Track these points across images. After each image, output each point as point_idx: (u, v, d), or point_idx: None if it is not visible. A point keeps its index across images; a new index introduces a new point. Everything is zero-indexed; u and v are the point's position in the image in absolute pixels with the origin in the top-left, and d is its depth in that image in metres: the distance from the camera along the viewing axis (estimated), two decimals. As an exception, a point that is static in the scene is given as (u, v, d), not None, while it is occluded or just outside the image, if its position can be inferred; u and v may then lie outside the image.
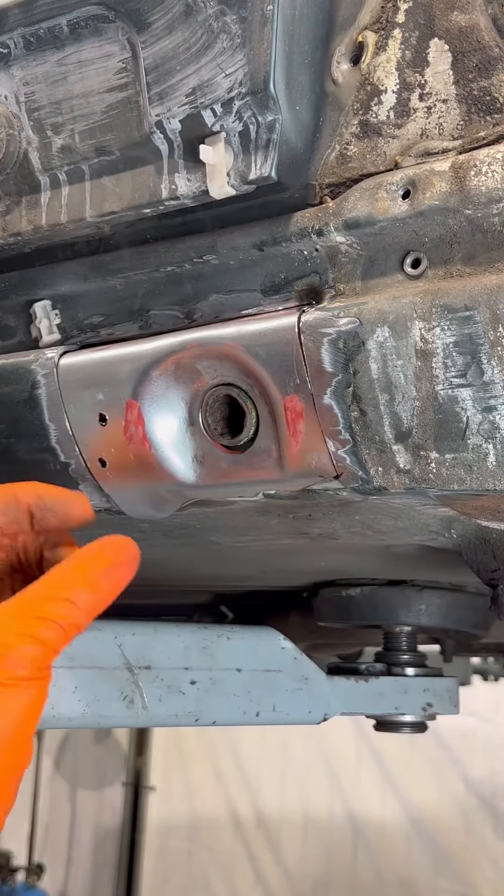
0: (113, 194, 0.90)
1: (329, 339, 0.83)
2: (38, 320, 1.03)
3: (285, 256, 0.87)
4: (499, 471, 0.80)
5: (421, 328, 0.79)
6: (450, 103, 0.79)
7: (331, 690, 1.39)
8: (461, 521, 1.05)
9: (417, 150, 0.80)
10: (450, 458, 0.82)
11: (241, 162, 0.83)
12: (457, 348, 0.78)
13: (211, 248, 0.90)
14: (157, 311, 0.96)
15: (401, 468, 0.85)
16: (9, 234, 0.96)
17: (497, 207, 0.76)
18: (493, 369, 0.77)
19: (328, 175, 0.84)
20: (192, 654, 1.24)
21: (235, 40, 0.81)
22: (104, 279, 0.98)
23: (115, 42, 0.87)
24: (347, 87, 0.83)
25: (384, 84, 0.82)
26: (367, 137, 0.83)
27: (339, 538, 1.18)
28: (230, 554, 1.39)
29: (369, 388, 0.83)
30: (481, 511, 0.92)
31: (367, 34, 0.82)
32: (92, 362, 0.98)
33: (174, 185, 0.86)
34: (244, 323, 0.88)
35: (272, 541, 1.24)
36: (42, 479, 1.05)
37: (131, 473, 0.99)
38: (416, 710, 1.59)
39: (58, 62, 0.90)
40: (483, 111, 0.78)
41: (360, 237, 0.83)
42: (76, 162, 0.91)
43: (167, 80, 0.84)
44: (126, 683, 1.19)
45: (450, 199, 0.77)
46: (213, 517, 1.11)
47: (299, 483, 0.91)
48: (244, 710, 1.28)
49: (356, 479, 0.88)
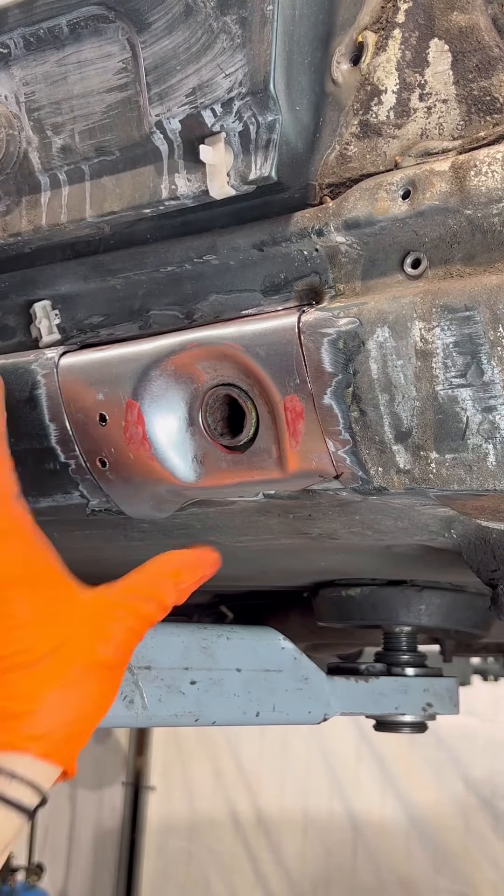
0: (113, 194, 0.90)
1: (329, 339, 0.83)
2: (38, 320, 1.03)
3: (285, 256, 0.87)
4: (499, 471, 0.80)
5: (421, 328, 0.79)
6: (450, 103, 0.79)
7: (331, 690, 1.39)
8: (461, 521, 1.05)
9: (417, 151, 0.80)
10: (450, 459, 0.82)
11: (241, 162, 0.83)
12: (457, 348, 0.78)
13: (211, 249, 0.90)
14: (157, 311, 0.96)
15: (401, 468, 0.85)
16: (9, 234, 0.96)
17: (497, 207, 0.76)
18: (493, 369, 0.77)
19: (328, 175, 0.84)
20: (192, 653, 1.24)
21: (235, 40, 0.81)
22: (104, 279, 0.98)
23: (115, 42, 0.87)
24: (347, 87, 0.83)
25: (384, 84, 0.82)
26: (367, 137, 0.83)
27: (339, 538, 1.18)
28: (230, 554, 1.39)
29: (369, 388, 0.83)
30: (481, 511, 0.92)
31: (367, 34, 0.82)
32: (92, 362, 0.98)
33: (174, 185, 0.86)
34: (244, 323, 0.88)
35: (272, 541, 1.24)
36: (41, 479, 1.06)
37: (131, 473, 0.99)
38: (416, 710, 1.59)
39: (58, 62, 0.90)
40: (483, 111, 0.78)
41: (360, 237, 0.83)
42: (76, 162, 0.91)
43: (167, 80, 0.84)
44: (126, 683, 1.19)
45: (450, 200, 0.77)
46: (213, 517, 1.11)
47: (299, 483, 0.91)
48: (244, 710, 1.28)
49: (356, 480, 0.88)
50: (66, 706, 0.85)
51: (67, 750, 0.85)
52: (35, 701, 0.83)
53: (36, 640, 0.85)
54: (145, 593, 0.91)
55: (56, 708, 0.84)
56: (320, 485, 0.91)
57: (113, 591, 0.90)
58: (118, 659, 0.88)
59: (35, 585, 0.87)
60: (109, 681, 0.89)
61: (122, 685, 1.20)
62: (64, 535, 1.27)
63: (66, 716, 0.85)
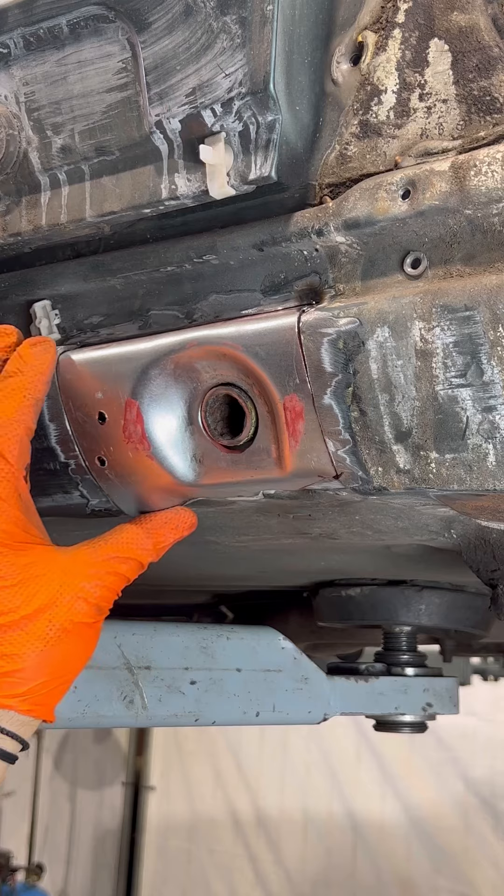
0: (113, 194, 0.90)
1: (329, 339, 0.83)
2: (38, 320, 1.03)
3: (285, 256, 0.87)
4: (498, 471, 0.80)
5: (421, 328, 0.79)
6: (450, 103, 0.79)
7: (330, 690, 1.39)
8: (461, 521, 1.05)
9: (417, 150, 0.80)
10: (450, 458, 0.82)
11: (241, 162, 0.83)
12: (457, 348, 0.78)
13: (211, 248, 0.90)
14: (157, 310, 0.96)
15: (401, 468, 0.85)
16: (9, 234, 0.96)
17: (497, 207, 0.76)
18: (492, 369, 0.77)
19: (328, 175, 0.84)
20: (192, 654, 1.24)
21: (235, 40, 0.81)
22: (104, 279, 0.98)
23: (115, 42, 0.87)
24: (347, 87, 0.83)
25: (384, 84, 0.82)
26: (367, 137, 0.83)
27: (339, 538, 1.18)
28: (230, 554, 1.39)
29: (369, 388, 0.83)
30: (481, 511, 0.92)
31: (367, 34, 0.82)
32: (91, 360, 0.98)
33: (174, 185, 0.86)
34: (244, 323, 0.88)
35: (272, 541, 1.24)
36: (42, 479, 1.06)
37: (130, 472, 0.99)
38: (415, 710, 1.59)
39: (58, 62, 0.90)
40: (483, 111, 0.78)
41: (360, 237, 0.83)
42: (76, 162, 0.91)
43: (167, 80, 0.84)
44: (126, 683, 1.19)
45: (449, 199, 0.77)
46: (213, 517, 1.11)
47: (298, 483, 0.91)
48: (244, 710, 1.28)
49: (356, 479, 0.88)
50: (48, 664, 0.90)
51: (48, 703, 0.92)
52: (18, 660, 0.89)
53: (17, 601, 0.90)
54: (123, 553, 0.95)
55: (38, 666, 0.90)
56: (320, 484, 0.91)
57: (91, 550, 0.95)
58: (96, 616, 0.94)
59: (17, 549, 0.92)
60: (89, 637, 0.94)
61: (122, 685, 1.20)
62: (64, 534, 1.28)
63: (47, 673, 0.90)
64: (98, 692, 1.19)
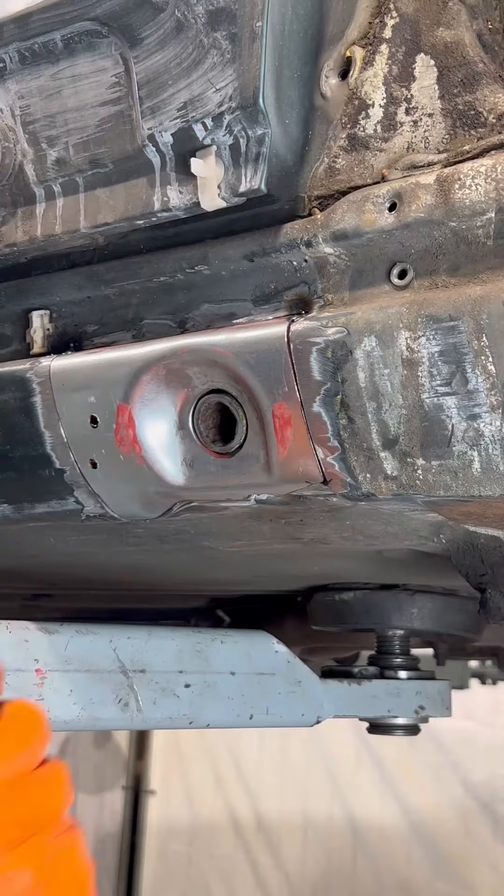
0: (107, 206, 0.91)
1: (317, 348, 0.84)
2: (34, 329, 1.04)
3: (275, 267, 0.89)
4: (483, 477, 0.82)
5: (407, 338, 0.81)
6: (435, 117, 0.81)
7: (324, 693, 1.41)
8: (449, 526, 1.06)
9: (404, 164, 0.82)
10: (436, 465, 0.83)
11: (232, 175, 0.84)
12: (442, 357, 0.80)
13: (202, 259, 0.91)
14: (150, 320, 0.97)
15: (388, 475, 0.86)
16: (4, 245, 0.98)
17: (481, 220, 0.77)
18: (476, 378, 0.79)
19: (317, 187, 0.86)
20: (186, 657, 1.26)
21: (225, 56, 0.82)
22: (98, 289, 0.99)
23: (109, 57, 0.89)
24: (336, 101, 0.85)
25: (371, 98, 0.83)
26: (355, 150, 0.84)
27: (331, 543, 1.20)
28: (224, 559, 1.41)
29: (357, 396, 0.85)
30: (468, 516, 0.94)
31: (355, 49, 0.84)
32: (84, 365, 0.99)
33: (166, 197, 0.88)
34: (234, 331, 0.90)
35: (265, 546, 1.25)
36: (37, 485, 1.07)
37: (121, 474, 1.00)
38: (408, 713, 1.60)
39: (52, 76, 0.92)
40: (467, 125, 0.79)
41: (348, 248, 0.84)
42: (70, 174, 0.93)
43: (159, 94, 0.86)
44: (121, 686, 1.21)
45: (435, 212, 0.79)
46: (206, 522, 1.12)
47: (287, 488, 0.93)
48: (238, 713, 1.29)
49: (345, 486, 0.89)
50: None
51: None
52: None
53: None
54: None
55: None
56: (310, 490, 0.93)
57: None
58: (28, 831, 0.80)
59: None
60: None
61: (118, 688, 1.21)
62: (60, 540, 1.29)
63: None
64: (94, 695, 1.20)
